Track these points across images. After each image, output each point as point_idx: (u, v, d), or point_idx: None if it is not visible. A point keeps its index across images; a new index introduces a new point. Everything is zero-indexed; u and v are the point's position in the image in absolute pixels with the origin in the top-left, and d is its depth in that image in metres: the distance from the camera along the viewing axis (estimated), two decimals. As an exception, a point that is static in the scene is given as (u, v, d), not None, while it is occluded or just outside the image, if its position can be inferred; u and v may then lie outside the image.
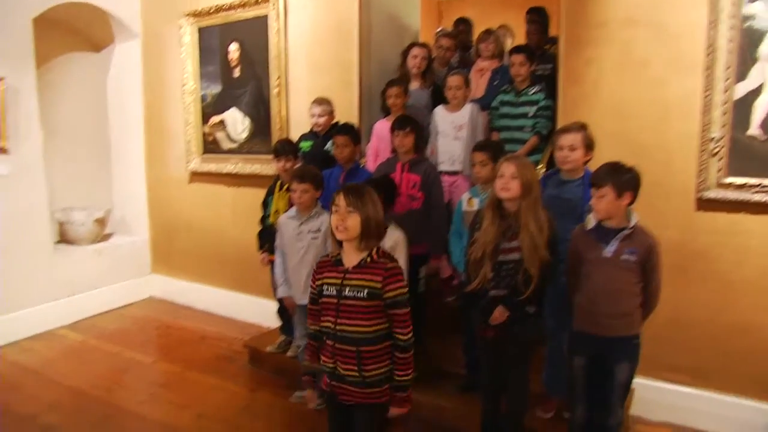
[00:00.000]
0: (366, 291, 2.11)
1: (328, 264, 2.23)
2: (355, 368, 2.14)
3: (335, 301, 2.16)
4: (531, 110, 3.90)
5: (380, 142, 3.99)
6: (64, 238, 5.44)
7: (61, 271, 5.08)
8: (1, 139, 4.51)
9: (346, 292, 2.13)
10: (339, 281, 2.16)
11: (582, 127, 2.88)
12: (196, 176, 5.38)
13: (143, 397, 3.80)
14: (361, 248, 2.15)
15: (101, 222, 5.58)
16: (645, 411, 3.38)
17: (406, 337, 2.15)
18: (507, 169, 2.58)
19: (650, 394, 3.34)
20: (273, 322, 4.37)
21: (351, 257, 2.17)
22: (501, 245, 2.62)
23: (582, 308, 2.63)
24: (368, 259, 2.14)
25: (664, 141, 3.25)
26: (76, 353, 4.54)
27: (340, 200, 2.12)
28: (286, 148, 3.89)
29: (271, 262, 3.76)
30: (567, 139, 2.87)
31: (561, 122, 3.38)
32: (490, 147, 3.25)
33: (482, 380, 2.93)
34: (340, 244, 2.19)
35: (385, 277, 2.11)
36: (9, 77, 4.50)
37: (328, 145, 3.97)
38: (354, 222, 2.10)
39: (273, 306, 4.19)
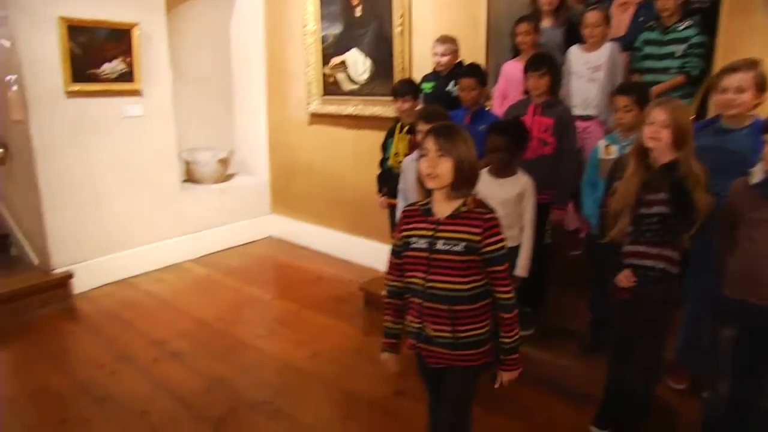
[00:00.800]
0: (463, 244, 1.86)
1: (417, 214, 1.98)
2: (448, 329, 1.93)
3: (426, 255, 1.92)
4: (679, 49, 3.47)
5: (508, 84, 3.76)
6: (189, 177, 5.70)
7: (188, 208, 5.34)
8: (137, 81, 4.72)
9: (439, 245, 1.89)
10: (431, 233, 1.91)
11: (753, 65, 2.45)
12: (316, 118, 5.37)
13: (262, 332, 3.93)
14: (453, 196, 1.90)
15: (224, 162, 5.77)
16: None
17: (510, 295, 1.93)
18: (658, 115, 2.27)
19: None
20: (388, 266, 4.33)
21: (442, 206, 1.92)
22: (644, 197, 2.36)
23: (737, 273, 2.30)
24: (463, 209, 1.89)
25: None
26: (202, 286, 4.78)
27: (430, 143, 1.86)
28: (404, 88, 3.75)
29: (390, 206, 3.69)
30: (734, 80, 2.45)
31: (719, 62, 2.94)
32: (635, 90, 2.89)
33: (611, 343, 2.71)
34: (427, 191, 1.95)
35: (485, 229, 1.86)
36: (143, 23, 4.66)
37: (450, 85, 3.78)
38: (446, 167, 1.84)
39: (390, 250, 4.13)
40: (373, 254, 4.93)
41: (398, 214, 3.44)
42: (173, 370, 3.41)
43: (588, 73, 3.64)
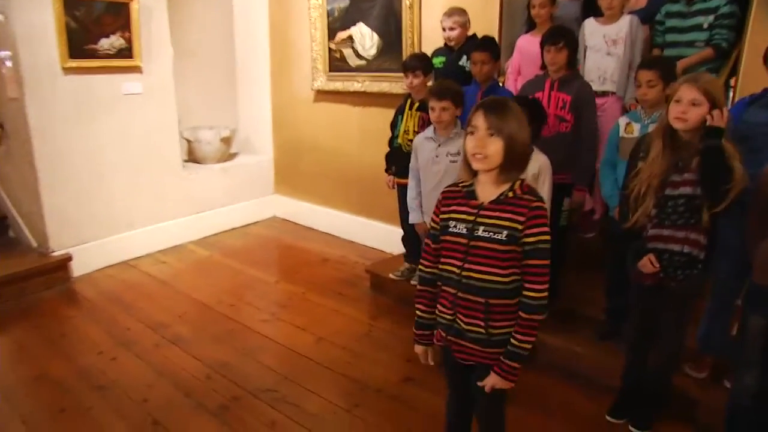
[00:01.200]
0: (505, 233, 1.70)
1: (459, 196, 1.82)
2: (481, 323, 1.78)
3: (465, 241, 1.76)
4: (706, 20, 3.31)
5: (523, 59, 3.61)
6: (191, 156, 5.58)
7: (190, 188, 5.22)
8: (136, 58, 4.56)
9: (480, 231, 1.73)
10: (472, 218, 1.76)
11: None
12: (321, 95, 5.22)
13: (265, 316, 3.83)
14: (501, 180, 1.74)
15: (227, 141, 5.64)
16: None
17: (540, 295, 1.73)
18: (686, 92, 2.12)
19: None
20: (396, 248, 4.24)
21: (487, 189, 1.76)
22: (670, 178, 2.22)
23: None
24: (510, 194, 1.73)
25: None
26: (204, 268, 4.68)
27: (479, 120, 1.69)
28: (415, 63, 3.58)
29: (399, 186, 3.56)
30: None
31: (751, 34, 2.78)
32: (660, 64, 2.73)
33: (630, 330, 2.61)
34: (473, 172, 1.79)
35: (529, 218, 1.69)
36: (142, -5, 4.50)
37: (463, 60, 3.62)
38: (496, 148, 1.67)
39: (397, 231, 4.02)
40: (380, 235, 4.83)
41: (409, 194, 3.35)
42: (174, 355, 3.31)
43: (605, 46, 3.50)
